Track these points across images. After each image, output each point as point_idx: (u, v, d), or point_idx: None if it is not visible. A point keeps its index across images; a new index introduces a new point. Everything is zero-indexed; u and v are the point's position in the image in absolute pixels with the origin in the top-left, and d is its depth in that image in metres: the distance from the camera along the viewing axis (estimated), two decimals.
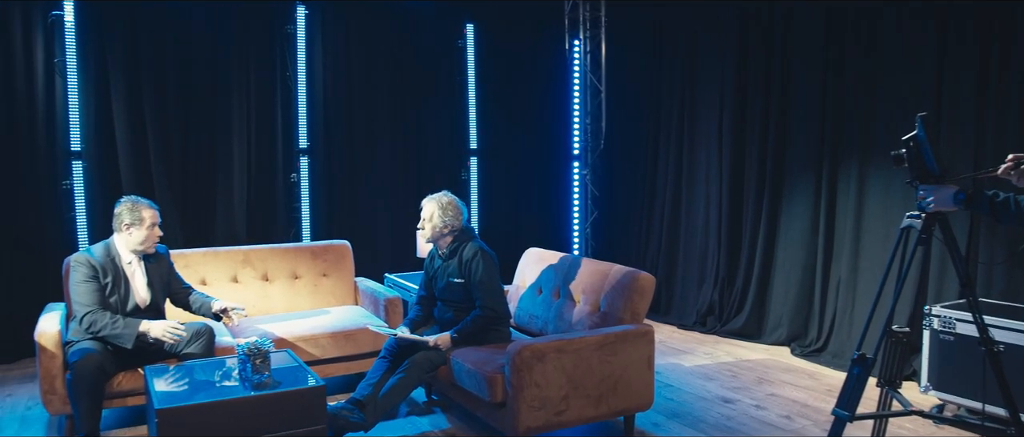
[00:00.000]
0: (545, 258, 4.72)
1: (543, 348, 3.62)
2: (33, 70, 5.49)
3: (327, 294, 5.20)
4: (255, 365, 3.41)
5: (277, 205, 6.27)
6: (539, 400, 3.61)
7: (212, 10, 5.93)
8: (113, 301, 3.97)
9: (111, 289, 3.97)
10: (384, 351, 4.19)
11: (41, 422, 4.34)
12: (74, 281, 3.92)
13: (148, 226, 4.04)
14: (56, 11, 5.47)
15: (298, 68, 6.25)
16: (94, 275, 3.93)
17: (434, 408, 4.48)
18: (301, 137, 6.32)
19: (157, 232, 4.10)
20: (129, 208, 4.03)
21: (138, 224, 4.02)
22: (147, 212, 4.05)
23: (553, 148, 7.47)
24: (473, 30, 6.96)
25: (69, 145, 5.61)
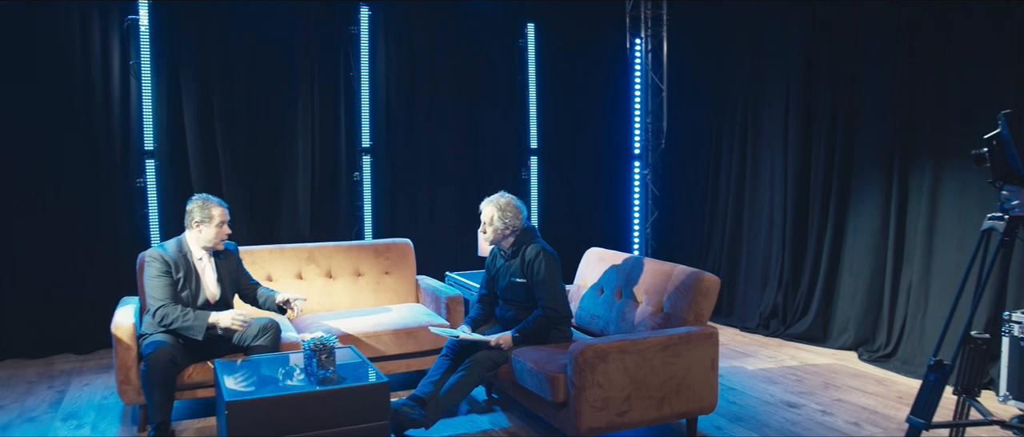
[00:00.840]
0: (606, 258, 4.69)
1: (606, 348, 3.59)
2: (110, 73, 5.69)
3: (389, 291, 5.26)
4: (321, 360, 3.47)
5: (340, 203, 6.37)
6: (601, 400, 3.59)
7: (278, 11, 6.06)
8: (185, 295, 4.09)
9: (183, 284, 4.09)
10: (446, 349, 4.22)
11: (116, 411, 4.49)
12: (148, 276, 4.05)
13: (217, 223, 4.15)
14: (132, 15, 5.65)
15: (361, 68, 6.34)
16: (167, 270, 4.05)
17: (494, 407, 4.49)
18: (364, 136, 6.40)
19: (226, 229, 4.20)
20: (200, 206, 4.14)
21: (208, 221, 4.13)
22: (216, 210, 4.16)
23: (613, 147, 7.42)
24: (534, 29, 6.95)
25: (143, 144, 5.79)
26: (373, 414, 3.41)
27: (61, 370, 5.34)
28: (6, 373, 5.27)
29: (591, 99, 7.25)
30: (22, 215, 5.52)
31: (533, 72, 6.99)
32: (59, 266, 5.63)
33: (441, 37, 6.62)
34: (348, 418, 3.36)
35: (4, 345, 5.57)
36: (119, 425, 4.26)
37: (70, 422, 4.31)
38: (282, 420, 3.25)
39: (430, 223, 6.63)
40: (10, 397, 4.75)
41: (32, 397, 4.75)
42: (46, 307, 5.63)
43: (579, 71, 7.17)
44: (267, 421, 3.23)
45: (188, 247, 4.19)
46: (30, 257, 5.55)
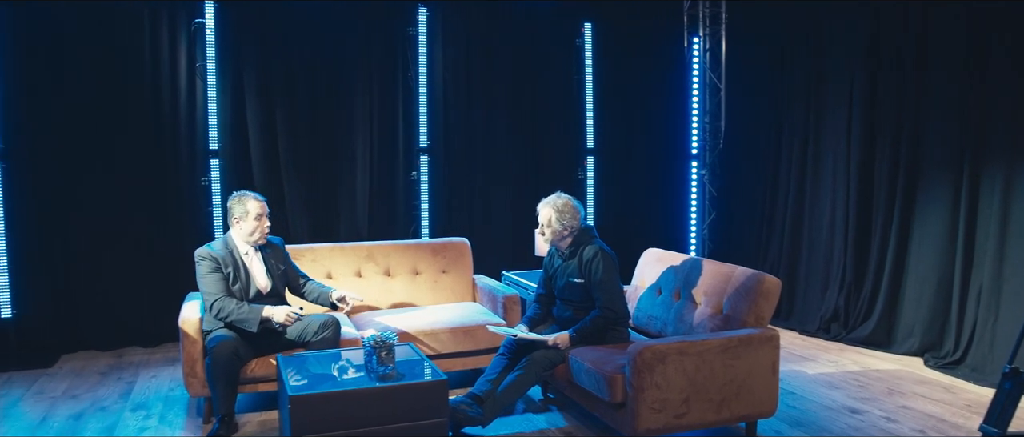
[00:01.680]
0: (664, 259, 4.65)
1: (665, 350, 3.57)
2: (177, 74, 5.86)
3: (446, 290, 5.31)
4: (380, 357, 3.52)
5: (397, 202, 6.45)
6: (659, 402, 3.57)
7: (338, 13, 6.15)
8: (236, 289, 4.20)
9: (233, 278, 4.20)
10: (503, 348, 4.24)
11: (182, 403, 4.62)
12: (200, 274, 4.18)
13: (255, 217, 4.25)
14: (199, 19, 5.80)
15: (419, 68, 6.40)
16: (216, 266, 4.17)
17: (550, 406, 4.49)
18: (421, 136, 6.46)
19: (265, 222, 4.30)
20: (237, 202, 4.27)
21: (245, 216, 4.24)
22: (252, 204, 4.25)
23: (670, 147, 7.35)
24: (591, 29, 6.93)
25: (207, 144, 5.95)
26: (432, 411, 3.46)
27: (130, 362, 5.52)
28: (79, 363, 5.47)
29: (648, 99, 7.19)
30: (95, 212, 5.71)
31: (590, 72, 6.97)
32: (128, 262, 5.81)
33: (498, 37, 6.64)
34: (407, 415, 3.41)
35: (78, 337, 5.78)
36: (185, 416, 4.38)
37: (139, 412, 4.45)
38: (343, 415, 3.31)
39: (486, 223, 6.66)
40: (83, 387, 4.93)
41: (103, 387, 4.92)
42: (116, 301, 5.82)
43: (636, 71, 7.12)
44: (329, 416, 3.29)
45: (233, 243, 4.30)
46: (102, 253, 5.75)
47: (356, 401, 3.33)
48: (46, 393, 4.81)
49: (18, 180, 5.55)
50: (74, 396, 4.75)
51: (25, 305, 5.63)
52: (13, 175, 5.53)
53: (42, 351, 5.63)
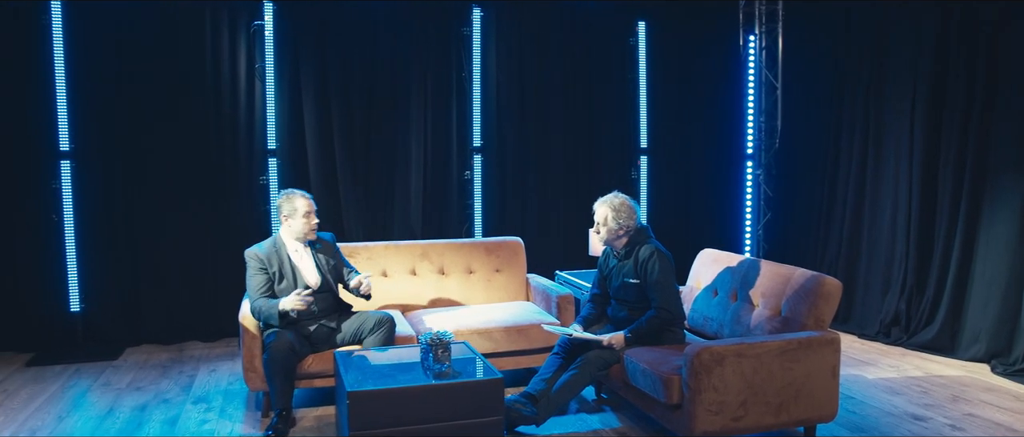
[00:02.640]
0: (721, 260, 4.59)
1: (722, 351, 3.53)
2: (236, 75, 5.98)
3: (500, 289, 5.32)
4: (437, 355, 3.55)
5: (451, 201, 6.48)
6: (716, 404, 3.53)
7: (393, 13, 6.22)
8: (283, 287, 4.26)
9: (279, 278, 4.26)
10: (557, 347, 4.24)
11: (241, 397, 4.71)
12: (247, 274, 4.30)
13: (303, 214, 4.31)
14: (258, 21, 5.91)
15: (473, 68, 6.42)
16: (261, 267, 4.25)
17: (604, 406, 4.47)
18: (475, 136, 6.49)
19: (313, 219, 4.36)
20: (286, 200, 4.33)
21: (293, 214, 4.31)
22: (300, 201, 4.31)
23: (725, 147, 7.25)
24: (644, 27, 6.88)
25: (266, 144, 6.05)
26: (487, 409, 3.47)
27: (190, 356, 5.65)
28: (143, 356, 5.62)
29: (703, 98, 7.11)
30: (157, 209, 5.86)
31: (644, 70, 6.92)
32: (189, 258, 5.96)
33: (552, 37, 6.63)
34: (463, 412, 3.43)
35: (141, 331, 5.95)
36: (244, 410, 4.47)
37: (200, 405, 4.56)
38: (400, 412, 3.34)
39: (539, 222, 6.65)
40: (147, 379, 5.06)
41: (166, 380, 5.04)
42: (177, 297, 5.97)
43: (691, 69, 7.04)
44: (386, 412, 3.33)
45: (281, 242, 4.36)
46: (164, 249, 5.90)
47: (413, 398, 3.36)
48: (112, 385, 4.95)
49: (86, 179, 5.74)
50: (138, 388, 4.88)
51: (92, 299, 5.82)
52: (81, 174, 5.72)
53: (107, 344, 5.81)
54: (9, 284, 5.66)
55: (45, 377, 5.12)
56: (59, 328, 5.77)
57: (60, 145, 5.64)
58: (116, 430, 4.16)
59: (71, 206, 5.68)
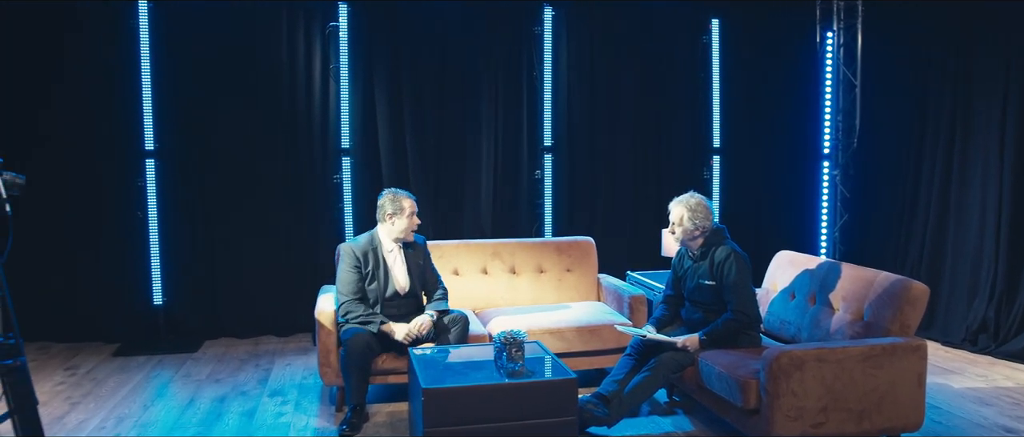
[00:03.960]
0: (798, 262, 4.48)
1: (802, 356, 3.43)
2: (312, 75, 6.10)
3: (571, 289, 5.30)
4: (510, 354, 3.54)
5: (521, 201, 6.48)
6: (795, 410, 3.44)
7: (465, 13, 6.25)
8: (373, 288, 4.31)
9: (371, 277, 4.31)
10: (630, 349, 4.20)
11: (316, 391, 4.80)
12: (340, 269, 4.33)
13: (408, 215, 4.34)
14: (333, 22, 6.02)
15: (544, 67, 6.41)
16: (356, 265, 4.29)
17: (676, 409, 4.41)
18: (546, 135, 6.47)
19: (416, 220, 4.39)
20: (391, 199, 4.35)
21: (399, 214, 4.33)
22: (407, 202, 4.35)
23: (800, 146, 7.07)
24: (718, 25, 6.75)
25: (340, 143, 6.15)
26: (561, 409, 3.45)
27: (266, 350, 5.79)
28: (220, 349, 5.79)
29: (778, 96, 6.95)
30: (235, 207, 6.02)
31: (717, 69, 6.79)
32: (266, 255, 6.09)
33: (623, 35, 6.57)
34: (536, 412, 3.41)
35: (219, 324, 6.12)
36: (318, 404, 4.56)
37: (276, 398, 4.66)
38: (474, 410, 3.35)
39: (609, 222, 6.59)
40: (225, 372, 5.20)
41: (243, 373, 5.18)
42: (254, 292, 6.12)
43: (765, 67, 6.89)
44: (460, 410, 3.34)
45: (379, 240, 4.40)
46: (242, 246, 6.05)
47: (487, 396, 3.36)
48: (192, 376, 5.11)
49: (169, 177, 5.93)
50: (217, 380, 5.02)
51: (173, 293, 6.01)
52: (164, 172, 5.91)
53: (187, 336, 6.00)
54: (97, 278, 5.89)
55: (130, 367, 5.31)
56: (143, 321, 5.98)
57: (145, 144, 5.84)
58: (197, 420, 4.28)
59: (155, 204, 5.88)
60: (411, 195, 4.42)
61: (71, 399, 4.63)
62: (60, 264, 5.79)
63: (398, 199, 4.35)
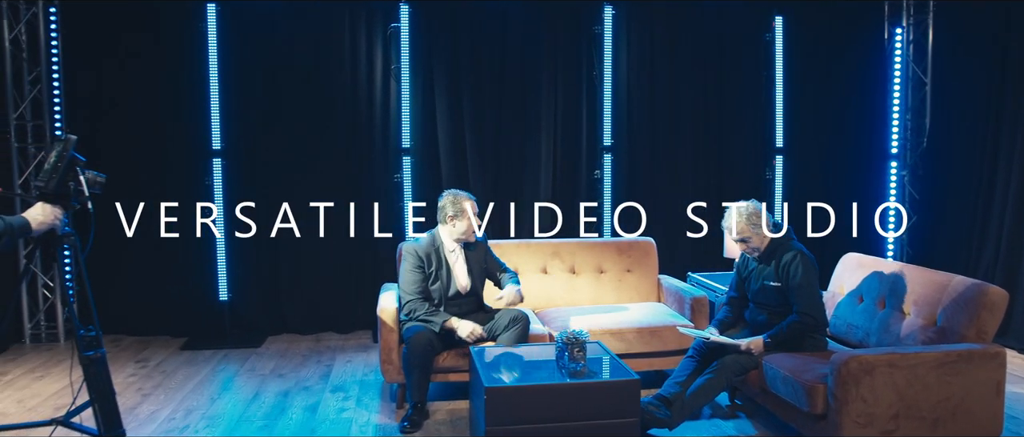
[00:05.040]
0: (867, 264, 4.36)
1: (873, 361, 3.35)
2: (373, 74, 6.17)
3: (631, 290, 5.26)
4: (572, 354, 3.53)
5: (580, 200, 6.44)
6: (865, 416, 3.35)
7: (525, 13, 6.25)
8: (435, 288, 4.34)
9: (434, 277, 4.34)
10: (692, 350, 4.15)
11: (377, 387, 4.86)
12: (403, 268, 4.37)
13: (469, 216, 4.36)
14: (395, 23, 6.08)
15: (604, 67, 6.37)
16: (419, 265, 4.32)
17: (738, 413, 4.34)
18: (605, 135, 6.43)
19: (477, 221, 4.40)
20: (452, 201, 4.36)
21: (461, 215, 4.35)
22: (468, 203, 4.36)
23: (867, 146, 6.88)
24: (782, 22, 6.62)
25: (400, 142, 6.20)
26: (623, 410, 3.43)
27: (327, 346, 5.88)
28: (283, 345, 5.90)
29: (843, 94, 6.78)
30: (298, 204, 6.11)
31: (780, 67, 6.66)
32: (327, 252, 6.18)
33: (684, 34, 6.50)
34: (598, 412, 3.40)
35: (281, 320, 6.25)
36: (379, 400, 4.61)
37: (338, 394, 4.73)
38: (536, 409, 3.35)
39: (669, 222, 6.52)
40: (288, 367, 5.30)
41: (305, 369, 5.27)
42: (315, 289, 6.23)
43: (831, 65, 6.73)
44: (522, 409, 3.35)
45: (440, 240, 4.43)
46: (304, 243, 6.14)
47: (550, 396, 3.36)
48: (256, 370, 5.22)
49: (234, 175, 6.06)
50: (280, 375, 5.12)
51: (238, 289, 6.14)
52: (229, 171, 6.04)
53: (251, 332, 6.14)
54: (166, 274, 6.06)
55: (197, 361, 5.45)
56: (209, 316, 6.13)
57: (212, 144, 5.98)
58: (262, 413, 4.37)
59: (221, 202, 6.02)
60: (471, 196, 4.43)
61: (143, 390, 4.77)
62: (131, 260, 5.97)
63: (459, 201, 4.37)
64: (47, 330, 6.02)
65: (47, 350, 5.74)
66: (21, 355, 5.61)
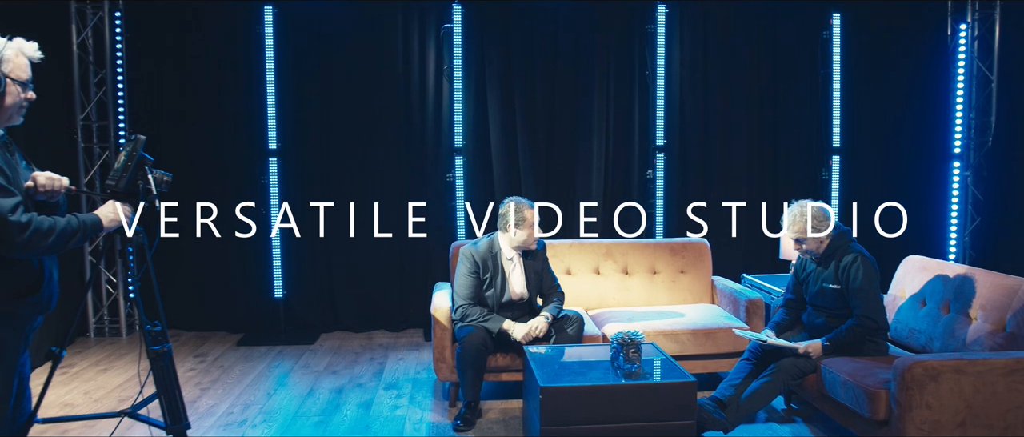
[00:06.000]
0: (930, 267, 4.25)
1: (938, 366, 3.25)
2: (425, 75, 6.22)
3: (684, 291, 5.21)
4: (627, 355, 3.51)
5: (632, 200, 6.39)
6: (929, 424, 3.26)
7: (577, 12, 6.23)
8: (490, 294, 4.34)
9: (489, 283, 4.34)
10: (748, 353, 4.09)
11: (429, 385, 4.89)
12: (458, 272, 4.37)
13: (530, 226, 4.33)
14: (448, 24, 6.11)
15: (657, 66, 6.31)
16: (475, 270, 4.32)
17: (795, 417, 4.26)
18: (658, 134, 6.37)
19: (538, 231, 4.38)
20: (515, 209, 4.33)
21: (522, 224, 4.32)
22: (529, 212, 4.34)
23: (928, 146, 6.70)
24: (840, 19, 6.48)
25: (453, 142, 6.24)
26: (678, 412, 3.40)
27: (379, 344, 5.94)
28: (336, 342, 5.98)
29: (904, 92, 6.61)
30: (349, 204, 6.18)
31: (837, 64, 6.52)
32: (378, 252, 6.25)
33: (738, 32, 6.41)
34: (654, 413, 3.37)
35: (334, 318, 6.33)
36: (432, 398, 4.64)
37: (391, 391, 4.77)
38: (591, 409, 3.34)
39: (724, 223, 6.43)
40: (342, 364, 5.37)
41: (358, 366, 5.33)
42: (367, 287, 6.31)
43: (891, 62, 6.56)
44: (577, 409, 3.34)
45: (499, 247, 4.42)
46: (357, 242, 6.22)
47: (605, 396, 3.34)
48: (311, 367, 5.30)
49: (290, 174, 6.16)
50: (334, 372, 5.18)
51: (293, 287, 6.24)
52: (286, 171, 6.14)
53: (305, 329, 6.23)
54: (223, 272, 6.19)
55: (253, 356, 5.56)
56: (264, 312, 6.25)
57: (268, 143, 6.09)
58: (318, 409, 4.44)
59: (277, 200, 6.12)
60: (533, 204, 4.41)
61: (201, 385, 4.88)
62: (189, 257, 6.10)
63: (521, 209, 4.34)
64: (110, 325, 6.20)
65: (110, 344, 5.92)
66: (86, 348, 5.79)
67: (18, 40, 2.46)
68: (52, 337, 5.10)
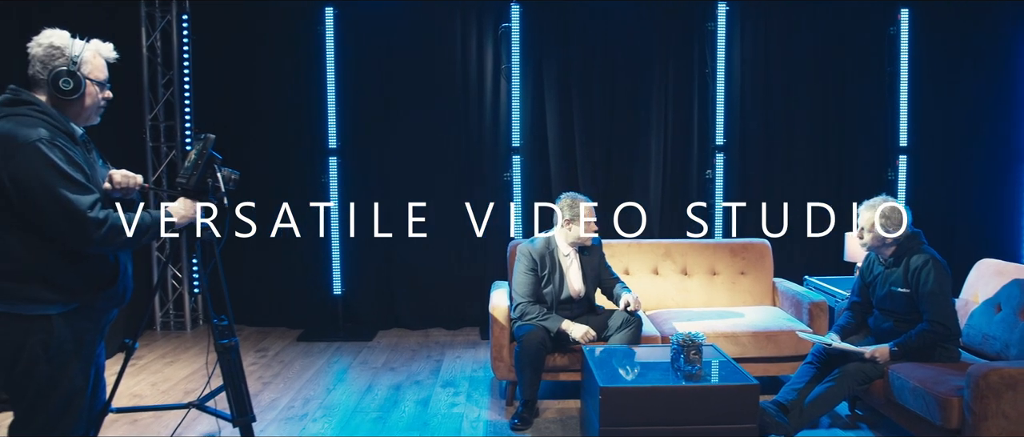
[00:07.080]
0: (1006, 271, 4.09)
1: (1016, 374, 3.14)
2: (484, 75, 6.24)
3: (744, 293, 5.12)
4: (688, 356, 3.47)
5: (691, 200, 6.31)
6: (1007, 434, 3.14)
7: (636, 10, 6.18)
8: (548, 291, 4.32)
9: (547, 280, 4.33)
10: (811, 357, 4.00)
11: (486, 384, 4.90)
12: (517, 269, 4.37)
13: (585, 221, 4.31)
14: (506, 23, 6.12)
15: (717, 64, 6.22)
16: (533, 267, 4.31)
17: (859, 423, 4.15)
18: (718, 134, 6.28)
19: (594, 227, 4.36)
20: (569, 205, 4.33)
21: (577, 219, 4.31)
22: (584, 207, 4.32)
23: (1000, 146, 6.46)
24: (908, 15, 6.29)
25: (510, 142, 6.25)
26: (740, 415, 3.34)
27: (436, 342, 5.98)
28: (394, 339, 6.04)
29: (975, 91, 6.38)
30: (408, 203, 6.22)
31: (905, 62, 6.33)
32: (436, 250, 6.29)
33: (801, 29, 6.28)
34: (715, 416, 3.32)
35: (392, 315, 6.40)
36: (489, 397, 4.65)
37: (448, 389, 4.80)
38: (651, 410, 3.31)
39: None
40: (399, 361, 5.42)
41: (416, 363, 5.37)
42: (425, 285, 6.35)
43: (962, 60, 6.34)
44: (636, 410, 3.31)
45: (555, 244, 4.41)
46: (415, 240, 6.25)
47: (665, 398, 3.31)
48: (369, 364, 5.36)
49: (349, 173, 6.24)
50: (392, 369, 5.23)
51: (351, 284, 6.32)
52: (345, 169, 6.23)
53: (363, 326, 6.30)
54: (284, 268, 6.30)
55: (313, 352, 5.65)
56: (323, 309, 6.34)
57: (329, 142, 6.18)
58: (376, 405, 4.48)
59: (336, 199, 6.21)
60: (589, 200, 4.39)
61: (263, 379, 4.98)
62: (251, 253, 6.22)
63: (576, 205, 4.33)
64: (175, 319, 6.37)
65: (176, 337, 6.08)
66: (153, 341, 5.96)
67: (95, 41, 2.54)
68: (123, 330, 5.25)
